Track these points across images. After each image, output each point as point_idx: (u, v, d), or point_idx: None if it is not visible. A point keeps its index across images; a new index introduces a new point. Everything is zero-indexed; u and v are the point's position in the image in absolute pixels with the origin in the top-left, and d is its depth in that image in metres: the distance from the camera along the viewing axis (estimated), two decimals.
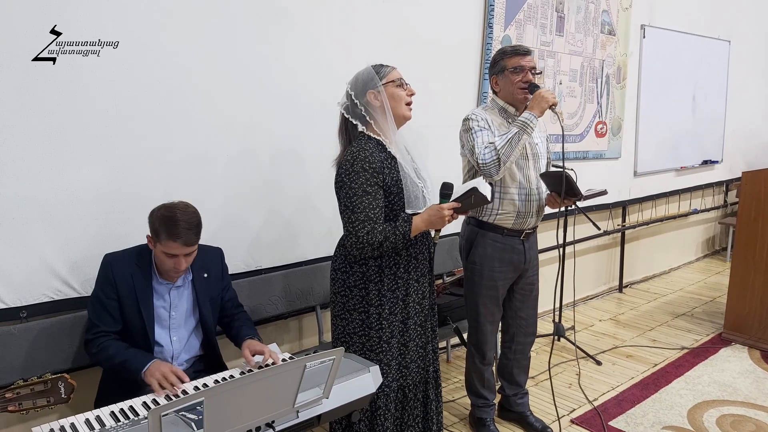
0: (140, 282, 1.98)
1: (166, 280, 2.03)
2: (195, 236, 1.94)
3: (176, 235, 1.88)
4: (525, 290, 2.66)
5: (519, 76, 2.42)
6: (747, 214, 3.78)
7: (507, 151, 2.29)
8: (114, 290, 1.97)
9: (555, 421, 2.81)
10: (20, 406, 1.54)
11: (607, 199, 4.58)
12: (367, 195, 1.97)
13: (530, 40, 3.80)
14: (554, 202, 2.54)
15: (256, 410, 1.51)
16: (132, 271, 1.98)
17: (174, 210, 1.92)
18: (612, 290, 5.04)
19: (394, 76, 2.05)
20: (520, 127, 2.29)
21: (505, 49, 2.48)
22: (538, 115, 2.32)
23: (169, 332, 2.05)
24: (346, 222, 1.99)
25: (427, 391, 2.26)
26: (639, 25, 4.70)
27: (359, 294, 2.09)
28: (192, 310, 2.10)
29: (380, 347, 2.09)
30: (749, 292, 3.77)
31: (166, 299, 2.04)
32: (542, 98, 2.33)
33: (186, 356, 2.10)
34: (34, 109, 2.03)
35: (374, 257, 2.04)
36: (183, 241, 1.89)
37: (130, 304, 1.98)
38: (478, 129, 2.38)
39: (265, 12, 2.57)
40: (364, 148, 1.99)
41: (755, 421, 2.86)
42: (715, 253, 6.38)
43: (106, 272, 1.98)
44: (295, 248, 2.82)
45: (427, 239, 2.21)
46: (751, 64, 6.08)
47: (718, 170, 5.94)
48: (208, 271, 2.13)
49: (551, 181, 2.50)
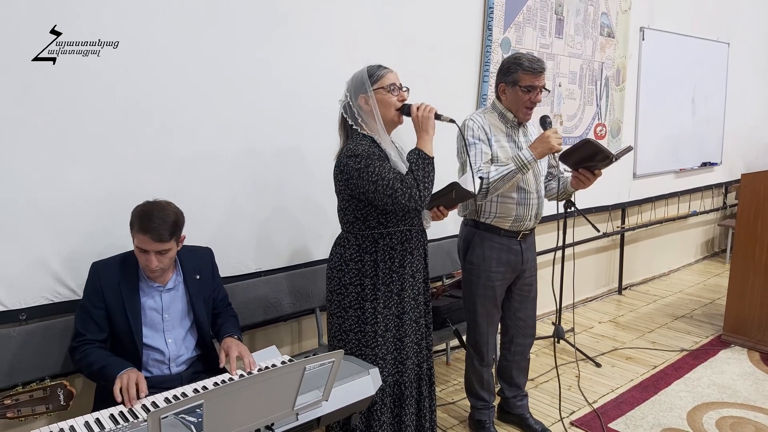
0: (126, 288, 1.98)
1: (156, 282, 2.03)
2: (167, 234, 1.91)
3: (146, 229, 1.88)
4: (523, 291, 2.65)
5: (529, 96, 2.39)
6: (746, 216, 3.78)
7: (497, 185, 2.31)
8: (101, 299, 1.97)
9: (558, 421, 2.81)
10: (19, 412, 1.54)
11: (606, 201, 4.59)
12: (381, 160, 2.00)
13: (529, 43, 3.80)
14: (584, 181, 2.45)
15: (255, 413, 1.51)
16: (118, 278, 1.98)
17: (152, 206, 1.95)
18: (611, 292, 5.04)
19: (387, 81, 2.06)
20: (518, 166, 2.29)
21: (522, 62, 2.38)
22: (537, 158, 2.29)
23: (163, 335, 2.04)
24: (384, 189, 1.95)
25: (420, 388, 2.27)
26: (638, 27, 4.71)
27: (354, 291, 2.11)
28: (186, 311, 2.10)
29: (375, 341, 2.11)
30: (749, 294, 3.77)
31: (158, 301, 2.04)
32: (547, 142, 2.28)
33: (184, 357, 2.09)
34: (34, 109, 2.03)
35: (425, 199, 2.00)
36: (152, 236, 1.89)
37: (117, 312, 1.97)
38: (472, 141, 2.38)
39: (266, 14, 2.57)
40: (360, 143, 2.04)
41: (755, 423, 2.86)
42: (715, 255, 6.38)
43: (93, 281, 1.99)
44: (293, 250, 2.82)
45: (423, 236, 2.23)
46: (750, 67, 6.09)
47: (718, 172, 5.94)
48: (200, 273, 2.13)
49: (576, 157, 2.40)
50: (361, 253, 2.10)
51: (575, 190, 2.56)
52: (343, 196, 2.11)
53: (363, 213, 2.08)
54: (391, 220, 2.10)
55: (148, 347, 2.02)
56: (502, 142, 2.44)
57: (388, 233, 2.11)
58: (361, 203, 2.07)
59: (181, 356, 2.08)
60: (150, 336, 2.02)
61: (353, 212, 2.10)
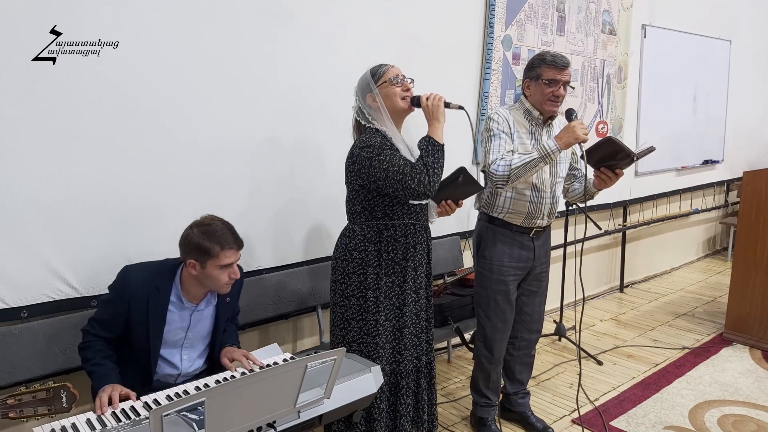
0: (154, 304, 1.91)
1: (190, 302, 1.98)
2: (240, 239, 1.95)
3: (229, 242, 1.89)
4: (532, 286, 2.65)
5: (551, 89, 2.40)
6: (748, 214, 3.78)
7: (519, 173, 2.30)
8: (126, 307, 1.91)
9: (560, 419, 2.81)
10: (21, 413, 1.55)
11: (607, 199, 4.58)
12: (392, 150, 2.05)
13: (531, 40, 3.80)
14: (606, 180, 2.46)
15: (257, 410, 1.51)
16: (148, 292, 1.91)
17: (209, 222, 1.92)
18: (613, 290, 5.04)
19: (390, 74, 2.11)
20: (542, 155, 2.28)
21: (545, 57, 2.42)
22: (562, 148, 2.28)
23: (180, 351, 2.01)
24: (394, 174, 1.98)
25: (419, 380, 2.30)
26: (640, 24, 4.70)
27: (357, 280, 2.16)
28: (210, 332, 2.07)
29: (376, 330, 2.15)
30: (750, 291, 3.76)
31: (185, 320, 1.99)
32: (573, 132, 2.27)
33: (193, 373, 2.06)
34: (34, 109, 2.03)
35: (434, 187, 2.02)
36: (238, 245, 1.91)
37: (139, 325, 1.92)
38: (497, 132, 2.39)
39: (269, 12, 2.56)
40: (373, 136, 2.09)
41: (756, 421, 2.86)
42: (716, 253, 6.37)
43: (122, 287, 1.92)
44: (292, 249, 2.82)
45: (426, 231, 2.26)
46: (752, 64, 6.07)
47: (719, 170, 5.93)
48: (231, 295, 2.09)
49: (597, 156, 2.40)
50: (366, 243, 2.14)
51: (598, 190, 2.56)
52: (352, 187, 2.16)
53: (370, 204, 2.13)
54: (396, 213, 2.14)
55: (163, 359, 1.99)
56: (523, 139, 2.45)
57: (393, 225, 2.14)
58: (370, 194, 2.11)
59: (191, 371, 2.06)
60: (167, 350, 1.98)
61: (361, 203, 2.14)
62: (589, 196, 2.60)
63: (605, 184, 2.51)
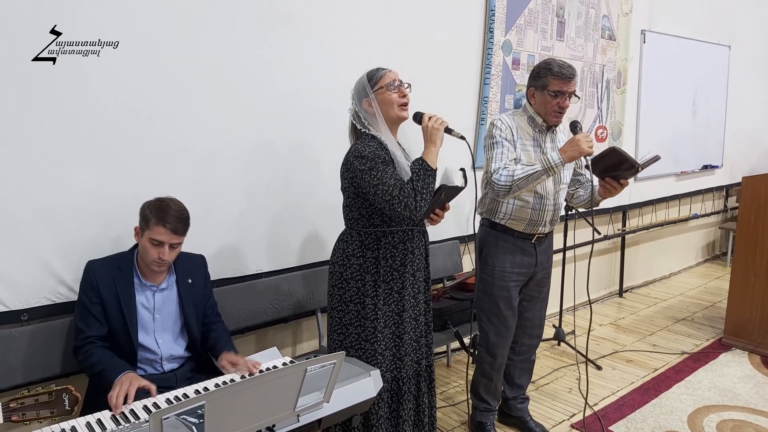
0: (122, 284, 2.01)
1: (150, 281, 2.05)
2: (183, 227, 2.00)
3: (165, 220, 1.94)
4: (533, 292, 2.66)
5: (557, 101, 2.39)
6: (747, 219, 3.79)
7: (521, 184, 2.30)
8: (97, 294, 1.99)
9: (559, 423, 2.81)
10: (24, 416, 1.56)
11: (607, 204, 4.56)
12: (385, 165, 2.03)
13: (531, 45, 3.81)
14: (611, 190, 2.46)
15: (256, 414, 1.51)
16: (114, 274, 2.01)
17: (166, 201, 2.02)
18: (612, 295, 5.04)
19: (387, 79, 2.10)
20: (545, 168, 2.27)
21: (552, 66, 2.39)
22: (566, 162, 2.27)
23: (154, 335, 2.06)
24: (383, 194, 1.99)
25: (419, 385, 2.30)
26: (639, 30, 4.71)
27: (355, 286, 2.15)
28: (177, 314, 2.11)
29: (375, 337, 2.14)
30: (749, 297, 3.77)
31: (150, 301, 2.05)
32: (578, 146, 2.26)
33: (174, 357, 2.10)
34: (34, 109, 2.03)
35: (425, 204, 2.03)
36: (171, 227, 1.95)
37: (113, 308, 1.99)
38: (500, 140, 2.39)
39: (268, 15, 2.57)
40: (368, 144, 2.07)
41: (755, 426, 2.86)
42: (716, 258, 6.38)
43: (88, 278, 2.01)
44: (293, 253, 2.82)
45: (424, 236, 2.26)
46: (751, 69, 6.09)
47: (719, 175, 5.94)
48: (193, 278, 2.16)
49: (602, 166, 2.40)
50: (363, 250, 2.14)
51: (603, 198, 2.57)
52: (348, 194, 2.16)
53: (368, 210, 2.12)
54: (394, 219, 2.13)
55: (141, 346, 2.03)
56: (527, 146, 2.44)
57: (391, 231, 2.14)
58: (366, 201, 2.11)
59: (173, 355, 2.09)
60: (141, 335, 2.03)
61: (358, 209, 2.14)
62: (594, 204, 2.61)
63: (610, 194, 2.51)
